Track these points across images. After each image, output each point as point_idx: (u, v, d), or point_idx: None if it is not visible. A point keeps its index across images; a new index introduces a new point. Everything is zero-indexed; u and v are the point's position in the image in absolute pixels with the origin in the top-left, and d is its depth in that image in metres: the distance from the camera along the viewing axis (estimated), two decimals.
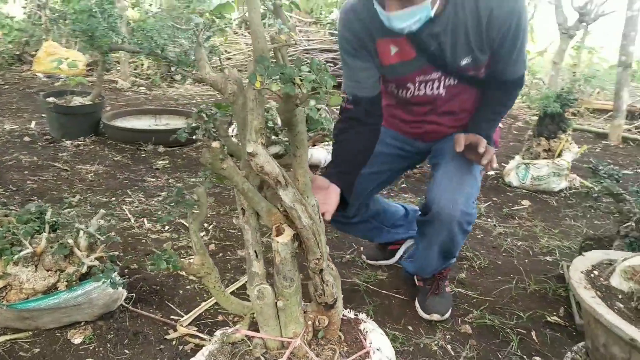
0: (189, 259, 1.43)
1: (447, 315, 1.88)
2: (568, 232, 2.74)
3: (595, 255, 1.18)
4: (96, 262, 1.54)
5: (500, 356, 1.69)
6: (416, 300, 1.95)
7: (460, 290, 2.08)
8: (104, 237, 1.61)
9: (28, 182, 2.97)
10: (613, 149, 4.70)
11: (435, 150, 1.91)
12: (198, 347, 1.67)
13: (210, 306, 1.90)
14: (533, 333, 1.82)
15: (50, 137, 3.82)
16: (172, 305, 1.88)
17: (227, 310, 1.50)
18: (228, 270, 2.17)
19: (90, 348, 1.60)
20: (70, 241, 1.51)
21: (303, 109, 1.25)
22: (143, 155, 3.60)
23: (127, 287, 1.85)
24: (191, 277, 2.09)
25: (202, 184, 1.41)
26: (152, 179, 3.18)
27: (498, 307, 1.97)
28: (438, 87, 1.75)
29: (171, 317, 1.81)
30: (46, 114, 3.83)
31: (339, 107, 1.85)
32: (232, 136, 3.76)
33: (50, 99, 3.80)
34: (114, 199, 2.82)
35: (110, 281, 1.51)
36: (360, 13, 1.64)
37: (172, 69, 7.06)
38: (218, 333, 1.54)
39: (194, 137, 1.43)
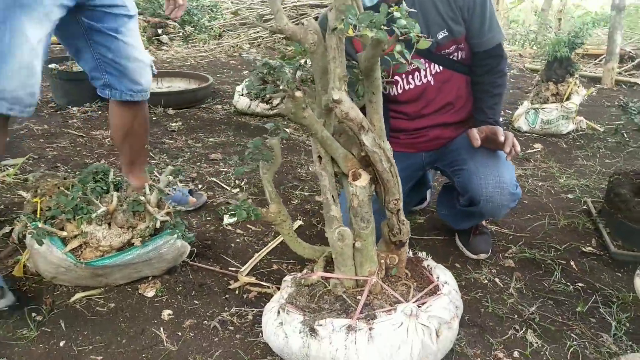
0: (265, 208, 1.48)
1: (490, 252, 1.98)
2: (583, 171, 2.87)
3: None
4: (167, 217, 1.58)
5: (545, 285, 1.81)
6: (458, 241, 2.05)
7: (495, 228, 2.19)
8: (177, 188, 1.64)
9: (47, 149, 2.95)
10: (608, 92, 4.83)
11: (447, 153, 1.89)
12: (261, 295, 1.75)
13: (263, 257, 1.98)
14: (572, 262, 1.94)
15: (55, 104, 3.75)
16: (227, 258, 1.95)
17: (300, 254, 1.57)
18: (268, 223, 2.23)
19: (164, 300, 1.66)
20: (143, 198, 1.55)
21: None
22: (154, 119, 3.57)
23: None
24: (238, 231, 2.15)
25: (276, 135, 1.45)
26: (171, 141, 3.18)
27: (534, 242, 2.09)
28: (426, 75, 1.78)
29: (229, 268, 1.88)
30: (50, 81, 3.75)
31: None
32: (242, 95, 3.73)
33: (53, 65, 3.71)
34: None
35: (182, 235, 1.56)
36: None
37: (159, 31, 6.93)
38: (288, 278, 1.61)
39: (263, 93, 1.44)
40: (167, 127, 3.42)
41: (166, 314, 1.60)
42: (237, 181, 2.63)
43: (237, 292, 1.77)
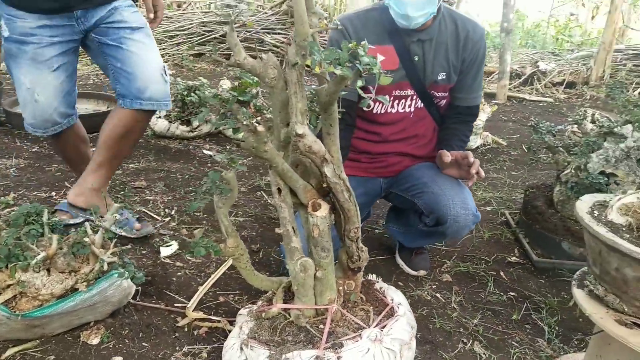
0: (220, 242, 1.45)
1: (429, 268, 2.09)
2: (495, 183, 3.11)
3: (588, 199, 1.43)
4: (115, 258, 1.49)
5: (482, 296, 1.94)
6: (399, 259, 2.13)
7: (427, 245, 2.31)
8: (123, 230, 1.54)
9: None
10: (502, 107, 5.28)
11: (405, 178, 1.98)
12: (212, 330, 1.70)
13: (207, 289, 1.92)
14: (502, 273, 2.10)
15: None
16: (170, 294, 1.86)
17: (257, 287, 1.55)
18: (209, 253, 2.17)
19: (111, 346, 1.56)
20: (87, 239, 1.44)
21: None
22: None
23: None
24: (178, 264, 2.07)
25: (231, 168, 1.42)
26: None
27: (466, 255, 2.23)
28: (410, 106, 1.91)
29: (175, 304, 1.81)
30: None
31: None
32: (159, 117, 3.58)
33: None
34: (54, 193, 2.63)
35: (133, 275, 1.48)
36: (354, 20, 1.81)
37: None
38: (244, 311, 1.59)
39: (222, 125, 1.41)
40: None
41: None
42: (166, 210, 2.53)
43: (186, 329, 1.70)
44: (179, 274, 1.99)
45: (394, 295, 1.62)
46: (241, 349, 1.41)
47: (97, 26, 2.01)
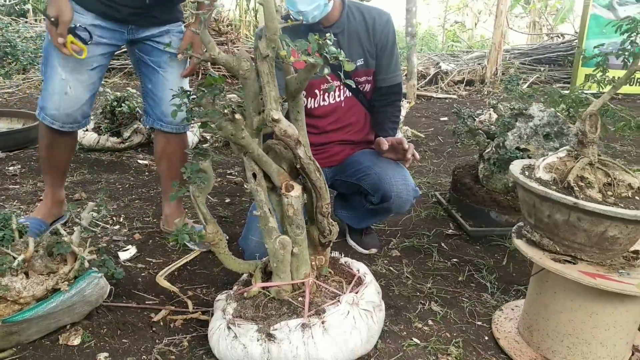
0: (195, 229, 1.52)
1: (378, 246, 2.28)
2: (421, 171, 3.39)
3: (517, 163, 1.68)
4: (94, 256, 1.51)
5: (430, 265, 2.16)
6: (350, 240, 2.30)
7: (373, 226, 2.50)
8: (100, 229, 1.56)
9: None
10: (414, 105, 5.68)
11: (348, 165, 2.15)
12: (187, 321, 1.76)
13: (176, 285, 1.96)
14: (443, 244, 2.34)
15: None
16: (140, 293, 1.89)
17: (235, 270, 1.64)
18: (167, 253, 2.21)
19: (93, 345, 1.57)
20: (67, 239, 1.45)
21: None
22: None
23: None
24: (140, 265, 2.09)
25: (205, 159, 1.50)
26: (16, 186, 2.87)
27: (408, 232, 2.45)
28: (339, 96, 2.10)
29: (146, 302, 1.84)
30: None
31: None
32: (87, 130, 3.51)
33: None
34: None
35: (113, 272, 1.51)
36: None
37: None
38: (222, 296, 1.67)
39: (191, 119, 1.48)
40: (4, 172, 3.06)
41: (102, 357, 1.51)
42: (114, 218, 2.52)
43: (161, 323, 1.74)
44: (143, 274, 2.02)
45: (359, 267, 1.78)
46: (229, 327, 1.50)
47: (145, 41, 2.08)
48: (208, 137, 3.92)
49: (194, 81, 6.62)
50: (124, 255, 2.13)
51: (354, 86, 2.06)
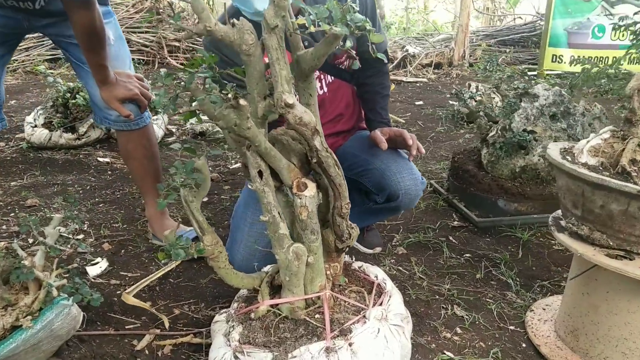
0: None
1: (382, 244, 2.06)
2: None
3: (554, 147, 1.49)
4: (64, 281, 1.21)
5: (442, 262, 1.96)
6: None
7: None
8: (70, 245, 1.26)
9: None
10: (394, 88, 5.49)
11: (343, 156, 1.82)
12: (178, 347, 1.50)
13: (158, 303, 1.69)
14: (451, 237, 2.14)
15: None
16: (117, 316, 1.60)
17: (238, 286, 1.38)
18: (144, 265, 1.92)
19: None
20: (27, 262, 1.15)
21: None
22: None
23: None
24: (113, 281, 1.79)
25: (201, 155, 1.23)
26: None
27: (411, 226, 2.24)
28: (322, 87, 1.81)
29: (126, 327, 1.55)
30: None
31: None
32: (35, 126, 3.13)
33: None
34: None
35: (90, 298, 1.22)
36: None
37: None
38: (221, 317, 1.41)
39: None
40: None
41: None
42: (75, 227, 2.19)
43: (147, 351, 1.47)
44: (118, 292, 1.72)
45: (377, 272, 1.55)
46: (236, 357, 1.24)
47: (55, 36, 1.86)
48: (174, 130, 3.59)
49: (150, 72, 6.20)
50: (93, 271, 1.83)
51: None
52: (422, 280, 1.82)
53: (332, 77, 1.80)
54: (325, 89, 1.80)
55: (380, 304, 1.37)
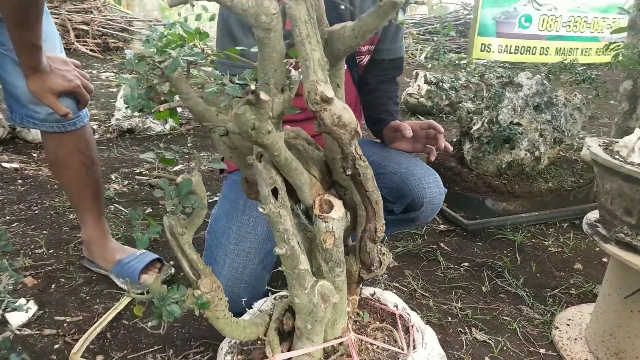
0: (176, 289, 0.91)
1: None
2: None
3: (593, 143, 1.30)
4: None
5: (440, 274, 1.74)
6: None
7: None
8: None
9: None
10: None
11: None
12: None
13: (118, 355, 1.31)
14: (441, 244, 1.93)
15: None
16: None
17: (240, 339, 1.05)
18: (85, 302, 1.51)
19: None
20: None
21: None
22: None
23: None
24: (46, 331, 1.37)
25: (195, 167, 0.88)
26: None
27: (395, 234, 2.00)
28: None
29: None
30: None
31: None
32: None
33: None
34: None
35: None
36: None
37: None
38: None
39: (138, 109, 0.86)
40: None
41: None
42: None
43: None
44: (56, 347, 1.32)
45: (395, 300, 1.28)
46: None
47: None
48: (95, 127, 3.08)
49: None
50: (16, 319, 1.39)
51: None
52: (427, 299, 1.59)
53: (346, 66, 1.51)
54: None
55: (414, 345, 1.12)
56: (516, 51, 5.97)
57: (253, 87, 0.74)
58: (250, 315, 1.20)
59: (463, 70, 2.23)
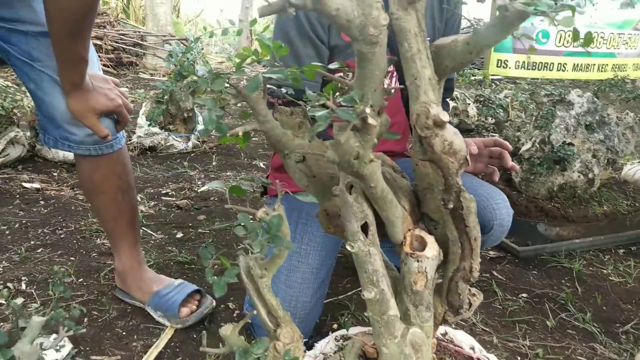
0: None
1: None
2: None
3: (629, 168, 1.20)
4: None
5: (499, 307, 1.61)
6: None
7: None
8: None
9: None
10: None
11: None
12: None
13: None
14: (495, 273, 1.80)
15: None
16: None
17: None
18: (123, 337, 1.39)
19: None
20: None
21: None
22: None
23: None
24: None
25: (278, 200, 0.77)
26: None
27: None
28: (389, 85, 1.43)
29: None
30: None
31: None
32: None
33: None
34: None
35: None
36: None
37: None
38: None
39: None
40: None
41: None
42: (9, 285, 1.60)
43: None
44: None
45: (470, 342, 1.16)
46: None
47: None
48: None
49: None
50: (50, 358, 1.27)
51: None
52: (490, 335, 1.46)
53: (397, 82, 1.41)
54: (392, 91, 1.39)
55: None
56: (534, 67, 5.89)
57: (368, 110, 0.63)
58: (312, 358, 1.08)
59: (487, 87, 2.14)
